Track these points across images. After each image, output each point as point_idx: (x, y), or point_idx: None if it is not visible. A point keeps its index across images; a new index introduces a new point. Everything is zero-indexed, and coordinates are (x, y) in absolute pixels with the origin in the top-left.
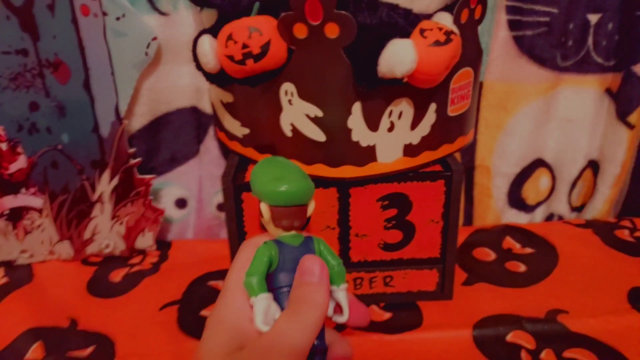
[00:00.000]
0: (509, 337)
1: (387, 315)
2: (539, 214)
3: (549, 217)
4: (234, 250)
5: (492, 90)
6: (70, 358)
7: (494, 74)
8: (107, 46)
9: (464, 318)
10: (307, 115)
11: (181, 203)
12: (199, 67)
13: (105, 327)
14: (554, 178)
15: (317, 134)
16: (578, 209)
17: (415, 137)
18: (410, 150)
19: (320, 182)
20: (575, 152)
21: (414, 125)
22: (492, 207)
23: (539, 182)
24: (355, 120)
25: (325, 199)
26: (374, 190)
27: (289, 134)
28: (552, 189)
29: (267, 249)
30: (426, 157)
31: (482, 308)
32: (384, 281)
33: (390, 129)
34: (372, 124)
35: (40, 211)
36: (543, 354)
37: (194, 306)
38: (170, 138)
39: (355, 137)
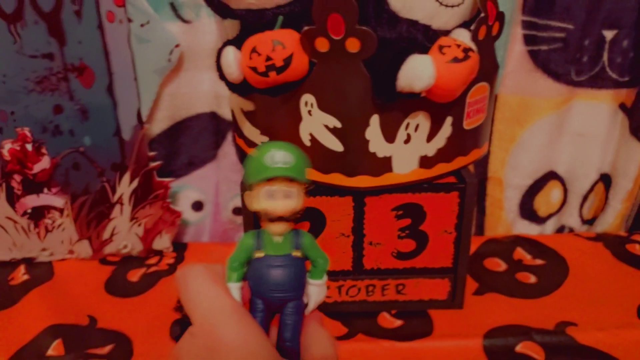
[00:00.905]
0: (519, 348)
1: (398, 322)
2: (550, 226)
3: (560, 229)
4: None
5: (506, 103)
6: (89, 355)
7: (509, 88)
8: (131, 52)
9: (474, 328)
10: (326, 126)
11: (198, 206)
12: (222, 76)
13: (123, 326)
14: (565, 191)
15: (335, 144)
16: (589, 222)
17: (430, 149)
18: (425, 161)
19: (336, 190)
20: (588, 166)
21: (430, 137)
22: (504, 218)
23: (551, 195)
24: (373, 131)
25: (340, 207)
26: (389, 200)
27: (307, 143)
28: (564, 202)
29: (246, 238)
30: (441, 168)
31: (492, 318)
32: (396, 289)
33: (407, 141)
34: (389, 136)
35: (61, 211)
36: None
37: None
38: (189, 142)
39: (372, 148)
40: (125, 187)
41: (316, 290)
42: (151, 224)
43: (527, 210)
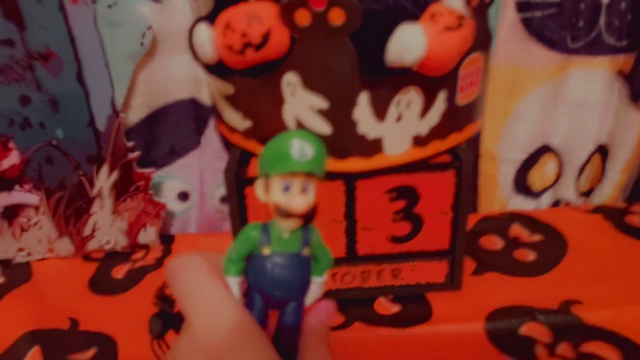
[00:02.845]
0: (523, 330)
1: (395, 308)
2: (546, 200)
3: (556, 203)
4: None
5: (499, 74)
6: None
7: (501, 58)
8: (99, 36)
9: (475, 310)
10: (311, 107)
11: (183, 196)
12: (196, 58)
13: (107, 326)
14: (560, 164)
15: (322, 127)
16: (586, 195)
17: (424, 127)
18: (418, 140)
19: (326, 175)
20: (584, 137)
21: (423, 114)
22: (498, 195)
23: (546, 168)
24: (362, 111)
25: (331, 192)
26: (382, 183)
27: (292, 127)
28: (559, 175)
29: (251, 230)
30: (435, 147)
31: (492, 299)
32: (392, 274)
33: (399, 119)
34: (380, 115)
35: (36, 208)
36: (559, 348)
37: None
38: (169, 130)
39: (361, 129)
40: (104, 180)
41: (316, 288)
42: (134, 217)
43: (522, 186)
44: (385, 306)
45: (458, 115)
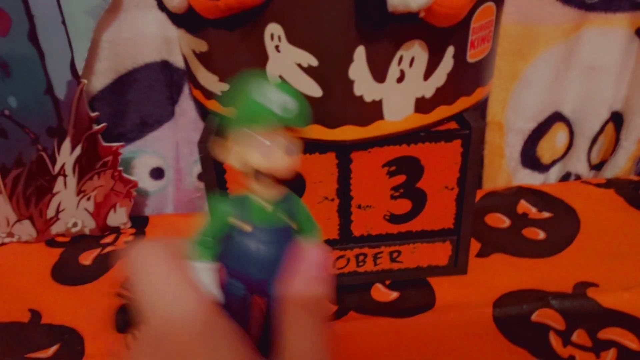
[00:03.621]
0: (535, 317)
1: (394, 295)
2: (554, 174)
3: (565, 177)
4: None
5: (506, 34)
6: (32, 359)
7: (510, 15)
8: None
9: (481, 295)
10: (299, 65)
11: (157, 173)
12: (161, 6)
13: (72, 319)
14: (572, 133)
15: (312, 88)
16: (596, 167)
17: (428, 89)
18: (422, 105)
19: (316, 146)
20: (598, 104)
21: (428, 74)
22: (504, 168)
23: (556, 139)
24: (358, 69)
25: (322, 165)
26: (379, 154)
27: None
28: (570, 146)
29: (224, 205)
30: (441, 112)
31: (501, 283)
32: (390, 257)
33: (400, 79)
34: (379, 74)
35: None
36: (575, 336)
37: None
38: (138, 99)
39: (358, 90)
40: (67, 155)
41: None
42: (102, 196)
43: (530, 158)
44: (383, 292)
45: (467, 76)
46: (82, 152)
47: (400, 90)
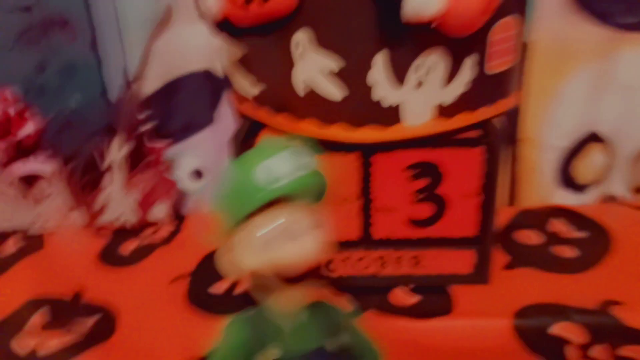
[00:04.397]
0: (554, 329)
1: (413, 299)
2: (592, 195)
3: (604, 199)
4: None
5: (541, 51)
6: (69, 330)
7: (545, 33)
8: (114, 3)
9: (502, 305)
10: (322, 70)
11: (197, 174)
12: (202, 15)
13: (110, 299)
14: (611, 154)
15: (334, 91)
16: (639, 191)
17: (448, 96)
18: (442, 111)
19: (338, 146)
20: (637, 125)
21: (447, 81)
22: (539, 186)
23: (592, 159)
24: (378, 74)
25: (344, 167)
26: (401, 158)
27: (302, 94)
28: (609, 168)
29: (238, 330)
30: (461, 120)
31: (523, 295)
32: (411, 262)
33: (419, 85)
34: (397, 79)
35: (50, 179)
36: (594, 351)
37: (205, 281)
38: (184, 104)
39: (377, 94)
40: (116, 152)
41: None
42: (145, 193)
43: (565, 177)
44: (403, 297)
45: (488, 86)
46: (130, 150)
47: (419, 96)
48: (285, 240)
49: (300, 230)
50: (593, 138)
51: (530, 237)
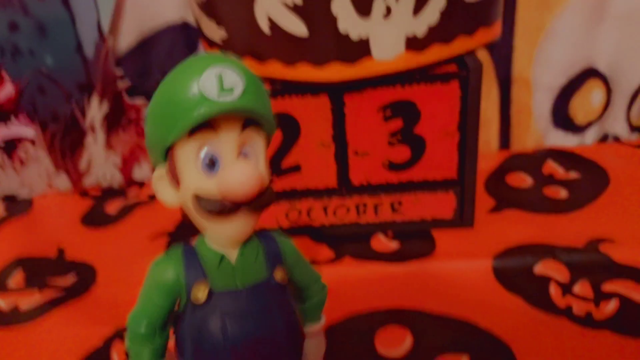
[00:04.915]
0: (538, 268)
1: (394, 245)
2: (590, 136)
3: (603, 139)
4: None
5: None
6: (49, 285)
7: None
8: None
9: (484, 247)
10: (285, 4)
11: None
12: None
13: (91, 256)
14: (609, 91)
15: (298, 26)
16: (639, 130)
17: (419, 26)
18: (414, 43)
19: (308, 88)
20: (637, 58)
21: (417, 9)
22: (533, 128)
23: (591, 97)
24: (341, 4)
25: (316, 109)
26: (374, 97)
27: (267, 30)
28: (607, 105)
29: (166, 266)
30: (436, 52)
31: (508, 237)
32: (391, 207)
33: (387, 14)
34: (363, 9)
35: (33, 142)
36: (577, 287)
37: (185, 237)
38: (161, 60)
39: (342, 26)
40: (96, 110)
41: (313, 344)
42: (128, 151)
43: (562, 118)
44: (383, 242)
45: (465, 14)
46: (109, 108)
47: (387, 27)
48: (215, 171)
49: (232, 153)
50: (590, 74)
51: (522, 180)
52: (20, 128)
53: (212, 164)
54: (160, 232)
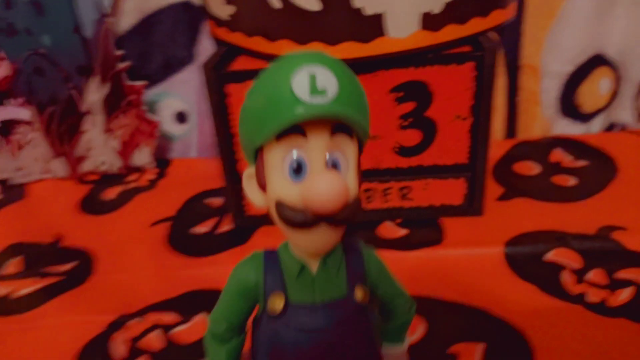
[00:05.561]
0: (550, 256)
1: (402, 232)
2: (597, 124)
3: (610, 128)
4: (224, 154)
5: None
6: (46, 273)
7: None
8: None
9: (495, 234)
10: None
11: (182, 117)
12: None
13: (89, 243)
14: (617, 79)
15: (311, 2)
16: None
17: (436, 3)
18: (429, 21)
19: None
20: None
21: None
22: (540, 116)
23: (599, 85)
24: None
25: None
26: (385, 78)
27: (277, 4)
28: (615, 93)
29: (247, 270)
30: (451, 32)
31: (518, 224)
32: (400, 193)
33: None
34: None
35: (30, 124)
36: (591, 274)
37: (186, 223)
38: (163, 40)
39: (357, 1)
40: (95, 93)
41: None
42: (127, 135)
43: (569, 106)
44: (391, 229)
45: None
46: (109, 91)
47: (403, 3)
48: (300, 179)
49: (321, 162)
50: (598, 61)
51: (529, 168)
52: (16, 110)
53: (299, 169)
54: (160, 218)
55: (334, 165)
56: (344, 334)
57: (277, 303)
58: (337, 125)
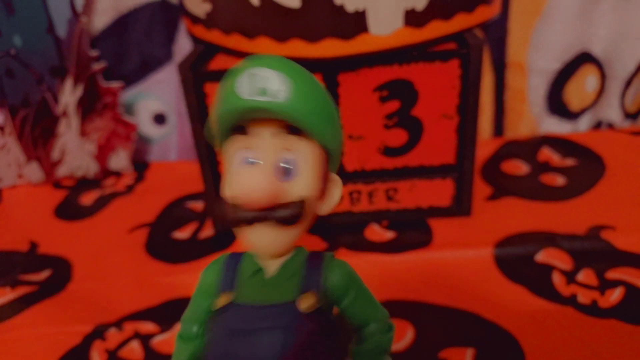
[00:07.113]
0: (540, 256)
1: (389, 235)
2: (585, 123)
3: (597, 126)
4: (202, 156)
5: None
6: (20, 282)
7: None
8: None
9: (483, 236)
10: None
11: (160, 119)
12: None
13: (65, 251)
14: (603, 76)
15: None
16: (632, 116)
17: (419, 0)
18: (413, 18)
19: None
20: (633, 42)
21: None
22: (527, 114)
23: (585, 83)
24: None
25: None
26: (369, 77)
27: (255, 1)
28: (601, 91)
29: (208, 271)
30: (435, 29)
31: (507, 225)
32: (386, 195)
33: None
34: None
35: (2, 129)
36: (581, 275)
37: (166, 228)
38: (139, 39)
39: None
40: (69, 95)
41: None
42: (104, 139)
43: (556, 104)
44: (378, 232)
45: None
46: (83, 93)
47: (386, 0)
48: (246, 171)
49: (269, 162)
50: (585, 59)
51: (517, 167)
52: None
53: (246, 165)
54: (139, 224)
55: (285, 167)
56: (288, 337)
57: (221, 301)
58: (290, 129)
